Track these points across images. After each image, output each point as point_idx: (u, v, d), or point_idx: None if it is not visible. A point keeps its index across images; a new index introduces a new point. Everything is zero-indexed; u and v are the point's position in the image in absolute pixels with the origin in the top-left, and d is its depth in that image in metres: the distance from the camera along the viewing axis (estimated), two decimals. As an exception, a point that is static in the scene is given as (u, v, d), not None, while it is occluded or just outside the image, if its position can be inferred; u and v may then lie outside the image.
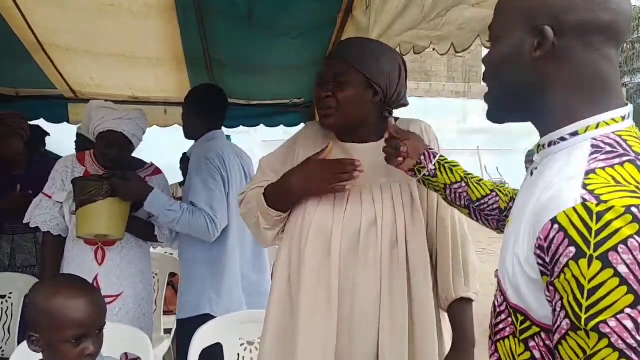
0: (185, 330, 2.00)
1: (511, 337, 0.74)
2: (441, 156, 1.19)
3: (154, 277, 2.58)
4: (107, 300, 1.97)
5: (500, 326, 0.77)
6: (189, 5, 2.10)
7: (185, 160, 2.87)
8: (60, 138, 3.98)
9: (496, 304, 0.79)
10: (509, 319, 0.74)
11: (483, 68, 0.84)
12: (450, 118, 12.00)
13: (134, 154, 2.14)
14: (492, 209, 1.14)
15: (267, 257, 2.29)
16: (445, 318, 1.31)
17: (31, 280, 2.28)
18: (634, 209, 0.58)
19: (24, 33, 2.40)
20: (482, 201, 1.14)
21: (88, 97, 3.37)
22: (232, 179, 2.07)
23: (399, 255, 1.21)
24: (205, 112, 2.19)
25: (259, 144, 13.48)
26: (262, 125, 3.72)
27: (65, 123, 3.49)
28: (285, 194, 1.28)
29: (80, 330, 1.11)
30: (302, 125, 1.71)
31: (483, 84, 0.84)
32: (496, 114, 0.83)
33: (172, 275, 2.80)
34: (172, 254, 3.02)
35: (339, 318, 1.19)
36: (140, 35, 2.45)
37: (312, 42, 2.42)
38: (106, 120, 1.97)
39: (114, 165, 2.05)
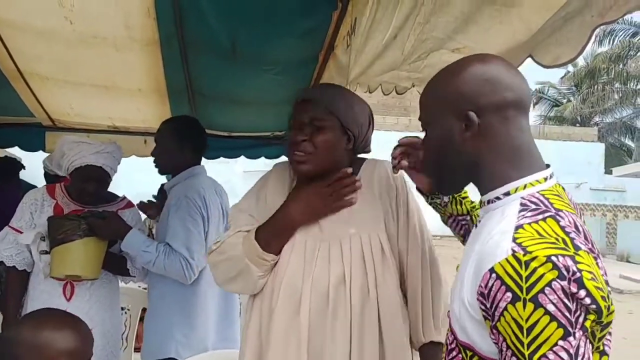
0: None
1: None
2: None
3: (125, 313, 2.50)
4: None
5: None
6: (172, 39, 2.11)
7: (161, 192, 2.80)
8: (37, 165, 3.91)
9: (447, 342, 0.88)
10: (460, 355, 0.83)
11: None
12: (429, 153, 12.15)
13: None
14: None
15: (237, 303, 2.22)
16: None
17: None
18: (553, 258, 0.70)
19: (4, 61, 2.37)
20: None
21: (67, 126, 3.35)
22: (211, 217, 2.01)
23: (370, 309, 1.19)
24: (185, 148, 2.13)
25: (239, 175, 13.40)
26: (242, 157, 3.72)
27: (40, 151, 3.44)
28: (285, 229, 1.24)
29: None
30: (283, 157, 1.70)
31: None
32: (447, 188, 0.98)
33: (145, 310, 2.72)
34: (145, 288, 2.95)
35: None
36: (122, 67, 2.45)
37: (294, 77, 2.44)
38: (84, 155, 1.95)
39: (91, 200, 2.01)
